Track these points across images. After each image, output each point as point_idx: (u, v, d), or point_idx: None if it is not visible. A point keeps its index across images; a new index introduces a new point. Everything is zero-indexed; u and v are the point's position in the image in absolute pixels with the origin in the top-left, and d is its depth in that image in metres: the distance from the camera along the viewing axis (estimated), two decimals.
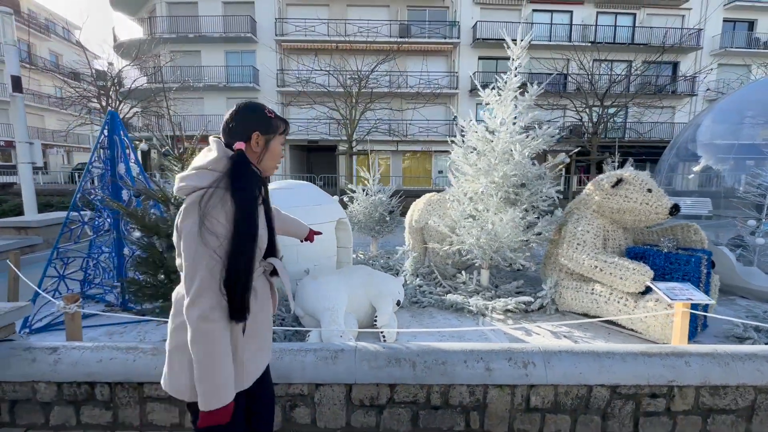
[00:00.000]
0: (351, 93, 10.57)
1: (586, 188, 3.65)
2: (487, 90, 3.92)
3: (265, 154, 1.17)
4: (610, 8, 21.33)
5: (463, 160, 4.04)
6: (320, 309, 2.89)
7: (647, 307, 2.89)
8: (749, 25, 21.95)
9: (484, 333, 3.19)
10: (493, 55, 21.04)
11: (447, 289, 4.15)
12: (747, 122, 5.29)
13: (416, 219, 4.54)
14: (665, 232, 3.57)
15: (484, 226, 3.72)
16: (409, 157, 22.75)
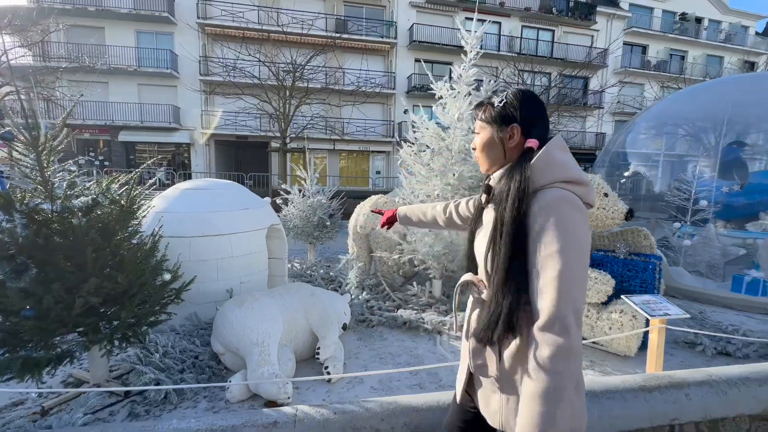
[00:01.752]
0: (284, 86, 9.70)
1: None
2: (440, 83, 3.56)
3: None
4: (533, 23, 22.95)
5: (414, 160, 3.64)
6: (247, 344, 2.26)
7: (611, 319, 2.74)
8: (643, 48, 25.21)
9: (445, 356, 2.80)
10: (429, 58, 21.36)
11: (397, 302, 3.72)
12: (669, 131, 5.71)
13: (361, 224, 4.04)
14: (617, 236, 3.53)
15: (439, 233, 3.35)
16: (346, 156, 22.21)
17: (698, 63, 25.68)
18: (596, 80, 23.20)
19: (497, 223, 0.93)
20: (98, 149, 17.42)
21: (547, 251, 0.84)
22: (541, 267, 0.85)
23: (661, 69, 24.78)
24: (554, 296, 0.82)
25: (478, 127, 1.06)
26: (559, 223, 0.85)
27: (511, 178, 0.94)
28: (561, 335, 0.80)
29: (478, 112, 1.06)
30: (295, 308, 2.61)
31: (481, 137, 1.04)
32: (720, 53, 26.45)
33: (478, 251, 1.05)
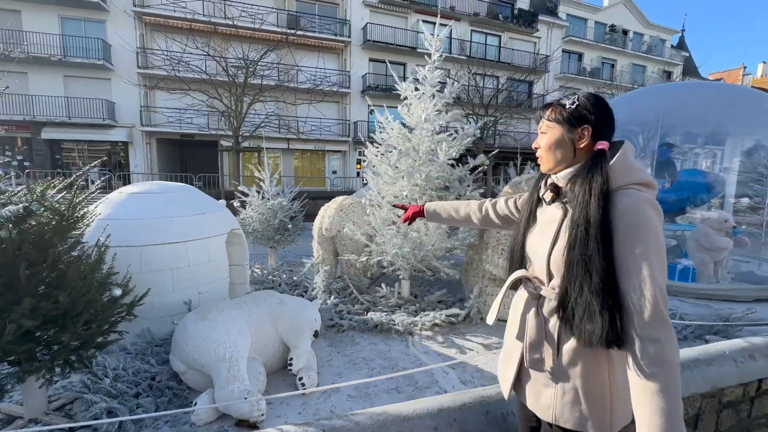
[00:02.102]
0: (236, 82, 9.22)
1: (505, 190, 3.59)
2: (405, 83, 3.56)
3: None
4: (481, 28, 23.91)
5: (380, 161, 3.61)
6: (213, 360, 2.09)
7: None
8: (579, 56, 27.25)
9: (418, 358, 2.80)
10: (383, 58, 21.45)
11: (366, 305, 3.67)
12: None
13: (327, 227, 3.94)
14: None
15: (407, 234, 3.35)
16: (301, 155, 21.70)
17: (626, 71, 28.25)
18: (540, 85, 24.63)
19: (579, 221, 0.92)
20: (16, 148, 15.49)
21: (638, 251, 0.86)
22: (632, 265, 0.87)
23: (595, 76, 26.94)
24: (652, 294, 0.84)
25: (545, 126, 1.06)
26: (646, 224, 0.88)
27: (588, 179, 0.95)
28: (667, 330, 0.84)
29: (545, 113, 1.06)
30: (262, 318, 2.47)
31: (548, 137, 1.05)
32: (643, 63, 29.29)
33: (536, 248, 1.06)
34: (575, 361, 0.97)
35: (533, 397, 1.06)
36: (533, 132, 25.62)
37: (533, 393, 1.06)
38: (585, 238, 0.91)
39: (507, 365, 1.15)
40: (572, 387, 0.97)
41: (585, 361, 0.95)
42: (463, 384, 2.45)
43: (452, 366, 2.69)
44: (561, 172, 1.04)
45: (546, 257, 1.01)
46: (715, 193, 5.30)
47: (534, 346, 1.04)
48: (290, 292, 3.91)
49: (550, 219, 1.04)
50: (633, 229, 0.88)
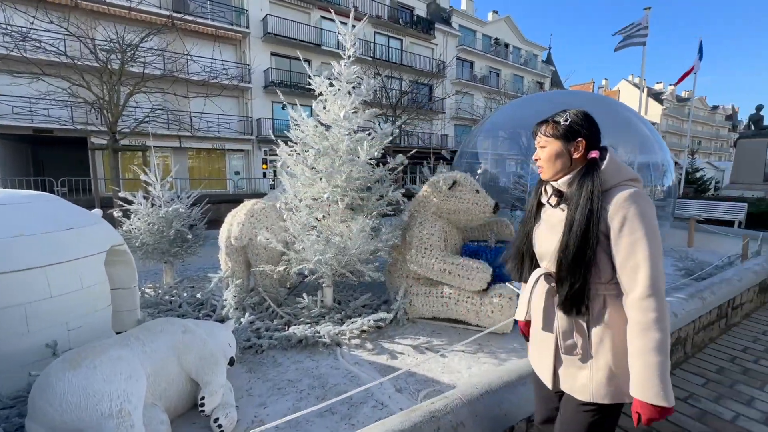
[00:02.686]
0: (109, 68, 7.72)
1: (423, 189, 3.63)
2: (319, 78, 3.34)
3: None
4: (383, 30, 24.54)
5: (296, 161, 3.33)
6: (95, 419, 1.63)
7: (493, 303, 3.04)
8: (471, 64, 29.91)
9: (350, 371, 2.63)
10: (286, 54, 20.55)
11: (286, 319, 3.36)
12: (508, 135, 6.81)
13: (236, 235, 3.50)
14: (484, 228, 3.97)
15: (330, 239, 3.15)
16: (196, 155, 19.59)
17: (509, 80, 31.95)
18: (439, 89, 26.25)
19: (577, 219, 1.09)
20: None
21: (634, 237, 1.04)
22: (630, 250, 1.04)
23: (485, 83, 29.86)
24: (649, 271, 1.02)
25: (544, 141, 1.21)
26: (640, 213, 1.05)
27: (584, 183, 1.12)
28: (660, 301, 1.02)
29: (543, 128, 1.22)
30: (162, 354, 2.03)
31: (547, 150, 1.20)
32: (521, 74, 33.47)
33: (547, 247, 1.21)
34: (603, 340, 1.12)
35: (569, 380, 1.19)
36: (435, 132, 27.32)
37: (569, 377, 1.19)
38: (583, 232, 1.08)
39: (540, 356, 1.28)
40: (605, 364, 1.11)
41: (611, 339, 1.11)
42: (399, 392, 2.36)
43: (386, 374, 2.58)
44: (561, 179, 1.20)
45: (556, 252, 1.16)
46: None
47: (566, 333, 1.17)
48: (195, 314, 3.38)
49: (557, 221, 1.19)
50: (630, 220, 1.05)
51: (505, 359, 2.79)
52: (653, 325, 1.01)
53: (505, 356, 2.84)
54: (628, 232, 1.04)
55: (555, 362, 1.22)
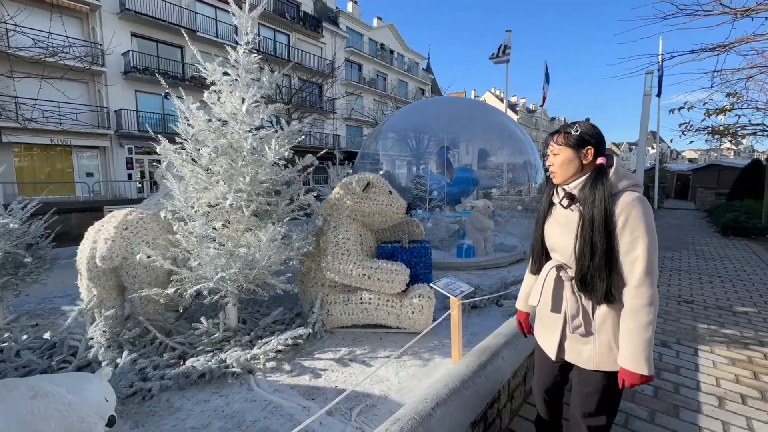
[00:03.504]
0: None
1: (335, 192, 3.45)
2: (211, 65, 2.87)
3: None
4: (269, 23, 23.21)
5: (185, 161, 2.79)
6: None
7: (413, 304, 3.05)
8: (359, 67, 30.54)
9: (270, 401, 2.31)
10: (153, 37, 17.78)
11: (180, 350, 2.81)
12: (403, 138, 7.04)
13: (104, 255, 2.77)
14: (396, 228, 3.99)
15: (234, 251, 2.73)
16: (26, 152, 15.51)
17: (395, 85, 33.65)
18: (330, 89, 26.10)
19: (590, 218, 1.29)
20: None
21: (635, 234, 1.25)
22: (631, 245, 1.25)
23: (373, 86, 30.84)
24: (645, 264, 1.24)
25: (556, 149, 1.41)
26: (640, 215, 1.25)
27: (596, 187, 1.31)
28: (653, 288, 1.25)
29: (556, 138, 1.42)
30: None
31: (560, 157, 1.40)
32: (405, 79, 35.63)
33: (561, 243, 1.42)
34: (605, 320, 1.36)
35: (575, 353, 1.44)
36: (328, 133, 27.08)
37: (575, 351, 1.44)
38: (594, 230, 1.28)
39: (547, 334, 1.54)
40: (606, 340, 1.36)
41: (611, 319, 1.34)
42: (330, 415, 2.16)
43: (312, 398, 2.35)
44: (572, 182, 1.41)
45: (572, 249, 1.36)
46: (477, 186, 6.89)
47: (574, 315, 1.40)
48: (44, 364, 2.56)
49: (569, 220, 1.40)
50: (632, 220, 1.25)
51: (429, 358, 2.82)
52: (643, 309, 1.24)
53: (428, 355, 2.87)
54: (629, 231, 1.25)
55: (561, 338, 1.47)
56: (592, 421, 1.44)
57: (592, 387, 1.41)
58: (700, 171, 24.14)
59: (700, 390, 2.56)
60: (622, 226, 1.25)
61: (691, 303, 4.38)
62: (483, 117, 6.72)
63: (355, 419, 2.12)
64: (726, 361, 2.99)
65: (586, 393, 1.43)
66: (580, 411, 1.47)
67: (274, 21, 23.26)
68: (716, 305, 4.30)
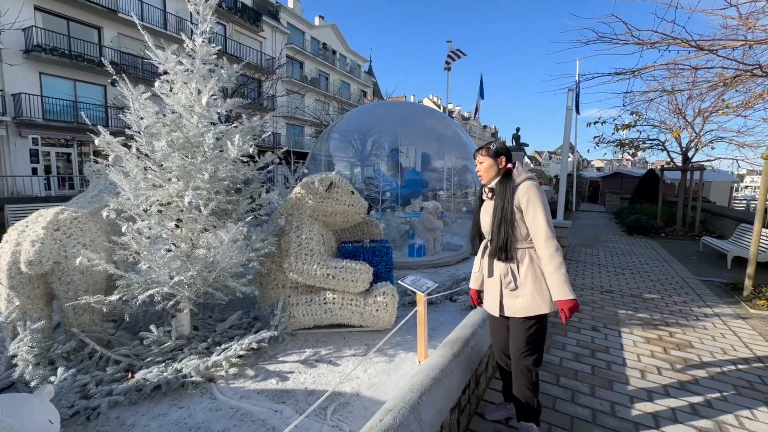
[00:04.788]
0: None
1: (296, 191, 3.39)
2: (163, 53, 2.66)
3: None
4: None
5: (132, 155, 2.55)
6: None
7: (377, 302, 3.11)
8: (301, 65, 29.84)
9: (237, 408, 2.20)
10: (62, 13, 15.68)
11: (125, 363, 2.56)
12: (354, 139, 7.06)
13: (30, 259, 2.41)
14: (356, 228, 4.01)
15: (191, 253, 2.56)
16: None
17: (338, 86, 33.44)
18: (270, 87, 25.11)
19: (504, 205, 1.90)
20: None
21: (535, 207, 1.84)
22: (534, 215, 1.84)
23: (315, 85, 30.33)
24: (545, 224, 1.83)
25: (481, 158, 2.04)
26: (536, 194, 1.86)
27: (506, 182, 1.95)
28: (554, 240, 1.83)
29: (481, 151, 2.06)
30: None
31: (484, 164, 2.03)
32: (348, 81, 35.60)
33: (487, 223, 2.02)
34: (526, 276, 1.89)
35: (511, 308, 1.95)
36: (267, 131, 25.99)
37: (510, 305, 1.95)
38: (505, 210, 1.88)
39: (490, 297, 2.05)
40: (530, 291, 1.88)
41: (531, 275, 1.88)
42: (307, 417, 2.12)
43: (282, 401, 2.29)
44: (493, 181, 2.04)
45: (493, 227, 1.94)
46: (426, 188, 7.16)
47: (504, 275, 1.95)
48: None
49: (490, 208, 2.00)
50: (531, 198, 1.85)
51: (394, 354, 2.90)
52: (555, 254, 1.80)
53: (393, 351, 2.94)
54: (531, 205, 1.84)
55: (500, 298, 1.98)
56: (526, 360, 1.94)
57: (523, 331, 1.92)
58: (607, 178, 27.47)
59: (627, 366, 2.98)
60: (525, 203, 1.84)
61: (611, 292, 5.02)
62: (430, 120, 7.01)
63: (331, 418, 2.12)
64: (642, 340, 3.50)
65: (520, 337, 1.94)
66: (517, 353, 1.96)
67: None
68: (630, 294, 4.99)
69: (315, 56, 30.72)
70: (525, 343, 1.92)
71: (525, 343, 1.92)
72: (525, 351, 1.93)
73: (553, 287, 1.80)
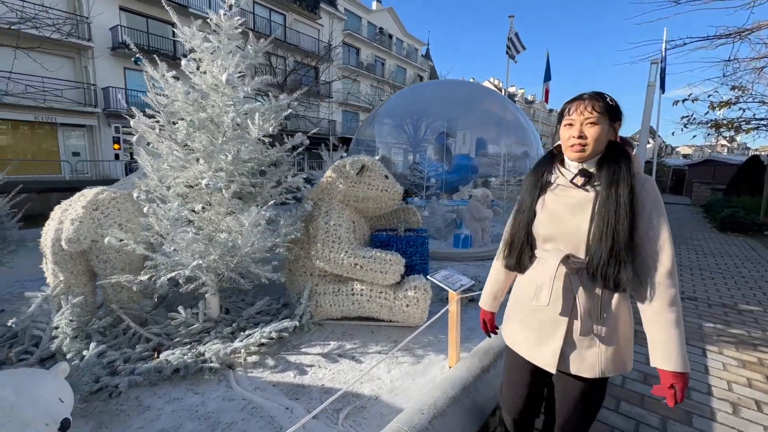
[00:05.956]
0: None
1: (327, 175, 3.21)
2: (189, 30, 2.58)
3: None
4: (265, 2, 22.44)
5: (160, 136, 2.53)
6: None
7: (407, 296, 2.85)
8: (357, 51, 29.81)
9: (249, 401, 2.11)
10: (142, 11, 17.09)
11: (155, 342, 2.60)
12: (399, 123, 6.75)
13: (70, 237, 2.52)
14: (391, 216, 3.76)
15: (213, 236, 2.49)
16: (10, 129, 14.95)
17: (393, 71, 32.97)
18: (326, 73, 25.43)
19: (617, 201, 1.11)
20: None
21: (659, 219, 1.12)
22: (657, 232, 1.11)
23: (371, 71, 30.18)
24: (671, 253, 1.10)
25: (594, 118, 1.15)
26: (659, 200, 1.14)
27: (620, 165, 1.14)
28: (677, 279, 1.11)
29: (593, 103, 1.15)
30: None
31: (598, 128, 1.15)
32: (404, 65, 34.93)
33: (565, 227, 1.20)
34: (615, 316, 1.18)
35: (577, 361, 1.20)
36: (323, 118, 26.51)
37: (577, 358, 1.20)
38: (618, 211, 1.10)
39: (541, 340, 1.26)
40: (614, 340, 1.18)
41: (621, 314, 1.19)
42: (315, 418, 1.96)
43: (296, 397, 2.15)
44: (589, 160, 1.19)
45: (586, 233, 1.15)
46: (476, 174, 6.66)
47: (588, 314, 1.18)
48: (2, 354, 2.33)
49: (580, 201, 1.18)
50: (657, 205, 1.13)
51: (423, 355, 2.64)
52: (676, 300, 1.09)
53: (422, 352, 2.68)
54: (655, 216, 1.12)
55: (564, 345, 1.21)
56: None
57: (585, 397, 1.24)
58: (696, 166, 24.08)
59: (712, 395, 2.40)
60: (649, 211, 1.11)
61: (695, 300, 4.23)
62: (486, 102, 6.44)
63: (343, 423, 1.93)
64: (736, 363, 2.84)
65: (577, 406, 1.25)
66: (567, 427, 1.29)
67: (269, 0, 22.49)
68: (720, 303, 4.16)
69: (371, 41, 30.48)
70: (583, 414, 1.26)
71: (583, 413, 1.26)
72: (579, 426, 1.28)
73: (668, 350, 1.08)
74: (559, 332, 1.21)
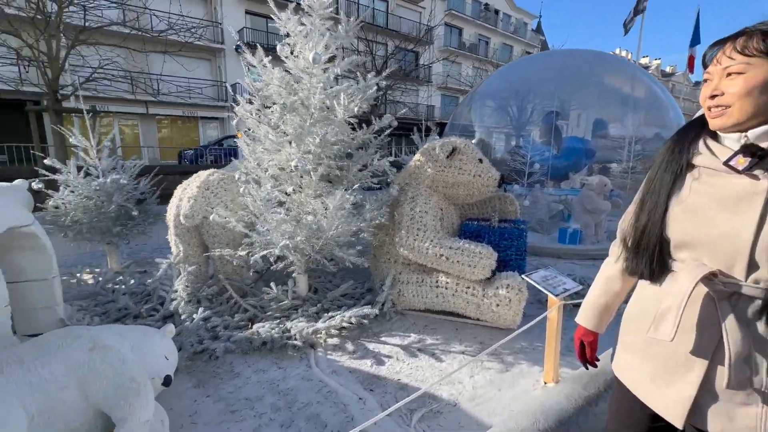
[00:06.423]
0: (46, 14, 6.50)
1: (415, 158, 3.04)
2: (285, 13, 2.62)
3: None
4: None
5: (257, 120, 2.66)
6: None
7: (498, 295, 2.54)
8: (459, 31, 28.56)
9: (325, 384, 2.11)
10: (262, 12, 18.97)
11: (251, 312, 2.80)
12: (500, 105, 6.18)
13: (187, 212, 2.85)
14: (485, 204, 3.43)
15: (300, 218, 2.55)
16: (166, 123, 18.24)
17: (498, 49, 30.79)
18: (425, 56, 25.00)
19: None
20: None
21: None
22: None
23: (473, 51, 28.67)
24: None
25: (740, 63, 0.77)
26: None
27: None
28: None
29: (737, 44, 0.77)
30: (55, 383, 1.44)
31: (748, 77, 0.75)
32: (510, 42, 32.31)
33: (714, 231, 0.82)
34: None
35: (722, 420, 0.84)
36: (421, 103, 26.27)
37: (722, 415, 0.84)
38: None
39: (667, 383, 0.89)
40: None
41: None
42: (388, 415, 1.86)
43: (370, 388, 2.08)
44: (755, 129, 0.79)
45: (749, 243, 0.77)
46: (592, 159, 5.75)
47: (741, 360, 0.80)
48: (137, 309, 2.78)
49: (740, 193, 0.79)
50: None
51: (513, 363, 2.33)
52: None
53: (512, 359, 2.37)
54: None
55: (700, 395, 0.84)
56: None
57: None
58: None
59: None
60: None
61: None
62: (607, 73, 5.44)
63: (416, 426, 1.79)
64: None
65: None
66: None
67: None
68: None
69: (474, 20, 28.84)
70: None
71: None
72: None
73: None
74: (692, 376, 0.85)
